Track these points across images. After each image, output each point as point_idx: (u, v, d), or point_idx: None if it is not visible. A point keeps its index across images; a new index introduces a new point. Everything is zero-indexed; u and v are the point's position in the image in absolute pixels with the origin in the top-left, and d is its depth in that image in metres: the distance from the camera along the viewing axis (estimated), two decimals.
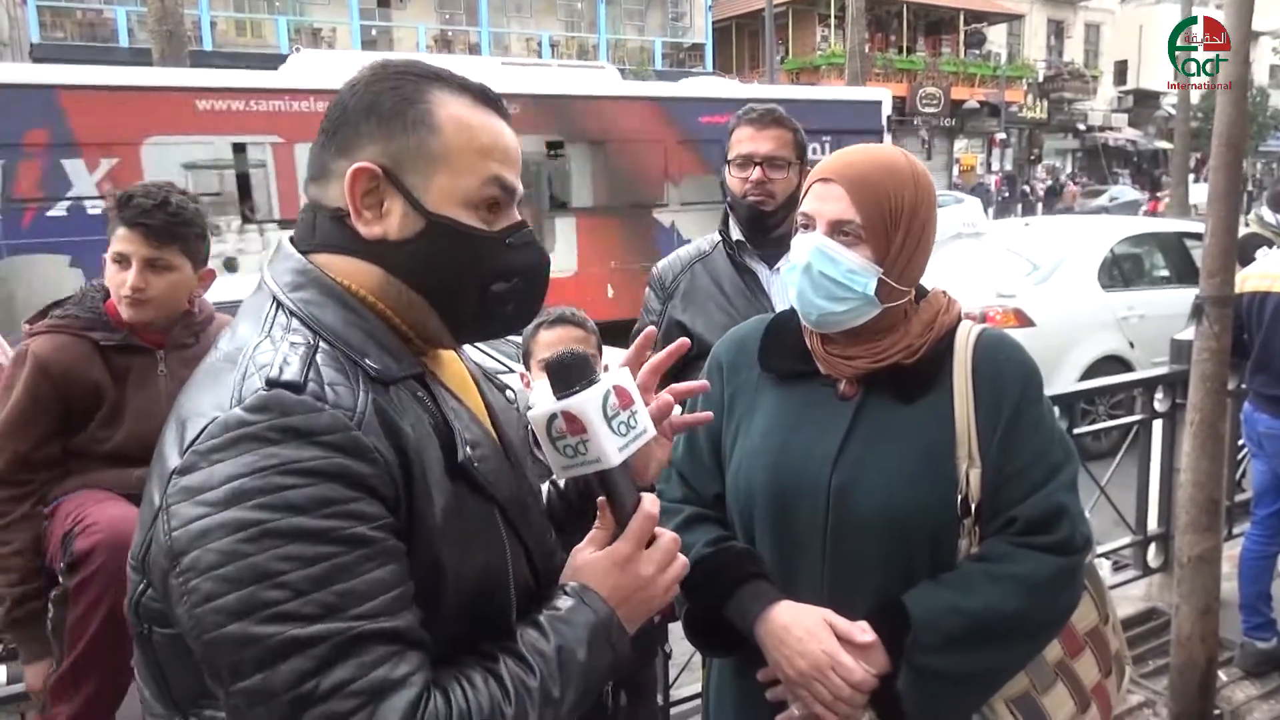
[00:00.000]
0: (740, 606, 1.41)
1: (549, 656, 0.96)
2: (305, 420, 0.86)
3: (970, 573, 1.36)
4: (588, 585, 1.04)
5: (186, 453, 0.86)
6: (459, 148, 1.00)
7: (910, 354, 1.41)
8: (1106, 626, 1.51)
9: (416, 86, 1.00)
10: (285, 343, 0.93)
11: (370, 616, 0.85)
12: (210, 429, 0.86)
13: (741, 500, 1.47)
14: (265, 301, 1.00)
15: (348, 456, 0.87)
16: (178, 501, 0.85)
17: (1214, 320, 2.85)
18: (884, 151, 1.45)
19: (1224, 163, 2.75)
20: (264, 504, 0.83)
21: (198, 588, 0.83)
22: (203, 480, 0.84)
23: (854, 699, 1.33)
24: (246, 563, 0.82)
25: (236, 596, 0.82)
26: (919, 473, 1.36)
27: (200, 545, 0.83)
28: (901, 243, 1.38)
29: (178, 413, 0.93)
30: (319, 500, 0.85)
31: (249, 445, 0.85)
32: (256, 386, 0.87)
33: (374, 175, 0.98)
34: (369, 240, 0.99)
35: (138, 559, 0.92)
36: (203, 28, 22.73)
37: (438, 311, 1.03)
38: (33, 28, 21.75)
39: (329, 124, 1.01)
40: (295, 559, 0.83)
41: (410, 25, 26.01)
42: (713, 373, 1.57)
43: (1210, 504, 2.99)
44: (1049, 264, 7.18)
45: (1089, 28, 37.86)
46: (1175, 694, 3.14)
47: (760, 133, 2.31)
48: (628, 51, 28.88)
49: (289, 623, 0.82)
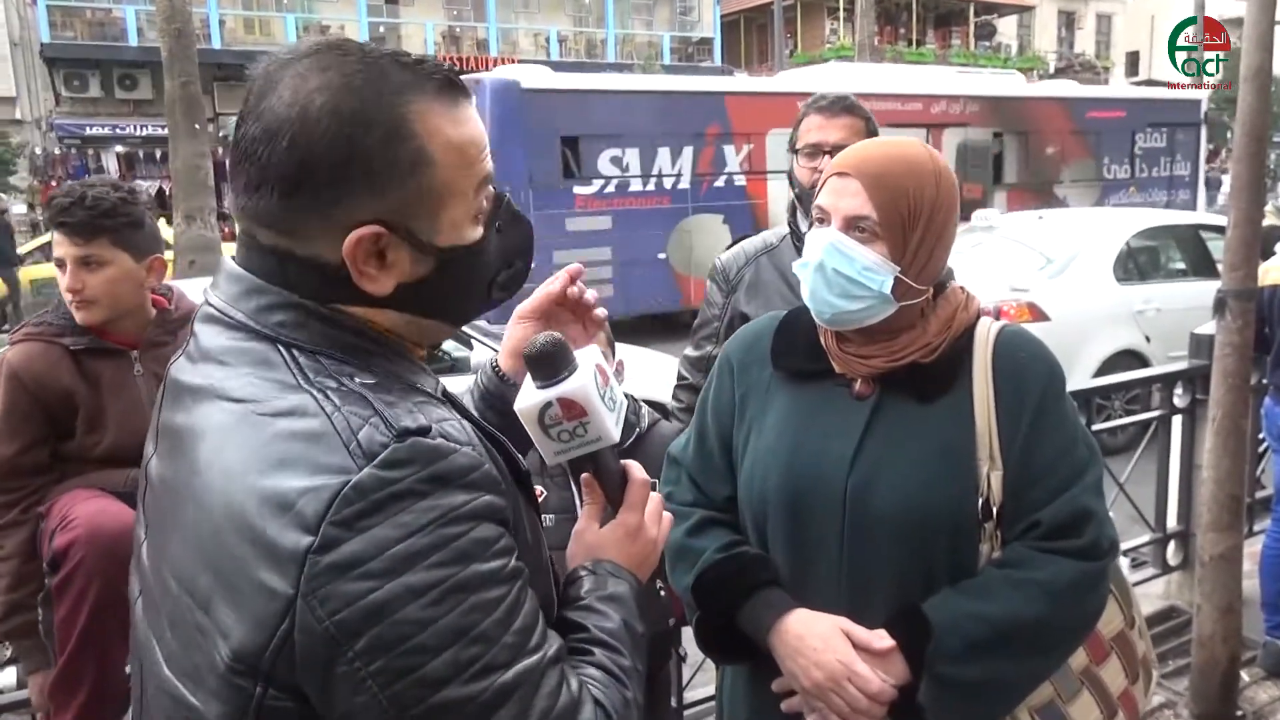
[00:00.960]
0: (753, 615, 1.38)
1: (620, 635, 0.97)
2: (448, 465, 0.81)
3: (992, 579, 1.32)
4: (613, 561, 1.04)
5: (323, 527, 0.76)
6: (456, 171, 0.90)
7: (928, 352, 1.36)
8: (1133, 631, 1.47)
9: (393, 110, 0.85)
10: (356, 384, 0.84)
11: (540, 647, 0.84)
12: (346, 495, 0.76)
13: (754, 503, 1.43)
14: (260, 344, 0.87)
15: (489, 492, 0.84)
16: (329, 582, 0.75)
17: (1236, 314, 2.80)
18: (905, 146, 1.40)
19: (1247, 154, 2.70)
20: (439, 560, 0.78)
21: (387, 666, 0.76)
22: (358, 551, 0.76)
23: (872, 710, 1.29)
24: (439, 626, 0.77)
25: (438, 663, 0.77)
26: (938, 474, 1.33)
27: (380, 621, 0.76)
28: (920, 241, 1.34)
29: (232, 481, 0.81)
30: (482, 543, 0.81)
31: (402, 503, 0.78)
32: (382, 440, 0.79)
33: (379, 235, 0.86)
34: (376, 295, 0.88)
35: (251, 661, 0.79)
36: (211, 26, 22.78)
37: (447, 322, 0.99)
38: (43, 28, 21.85)
39: (287, 173, 0.83)
40: (481, 608, 0.80)
41: (418, 22, 26.02)
42: (723, 372, 1.53)
43: (1232, 501, 2.95)
44: (1063, 257, 7.11)
45: (1100, 18, 37.64)
46: (1197, 695, 3.10)
47: (830, 121, 2.24)
48: (635, 46, 28.83)
49: (492, 674, 0.80)
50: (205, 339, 0.91)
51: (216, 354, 0.89)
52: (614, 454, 1.08)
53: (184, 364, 0.93)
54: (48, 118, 23.14)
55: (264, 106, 0.85)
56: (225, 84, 23.39)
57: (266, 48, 24.36)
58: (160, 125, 16.05)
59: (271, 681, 0.79)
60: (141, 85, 22.80)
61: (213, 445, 0.84)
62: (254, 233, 0.89)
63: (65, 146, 23.12)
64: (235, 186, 0.88)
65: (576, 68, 27.46)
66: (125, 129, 23.14)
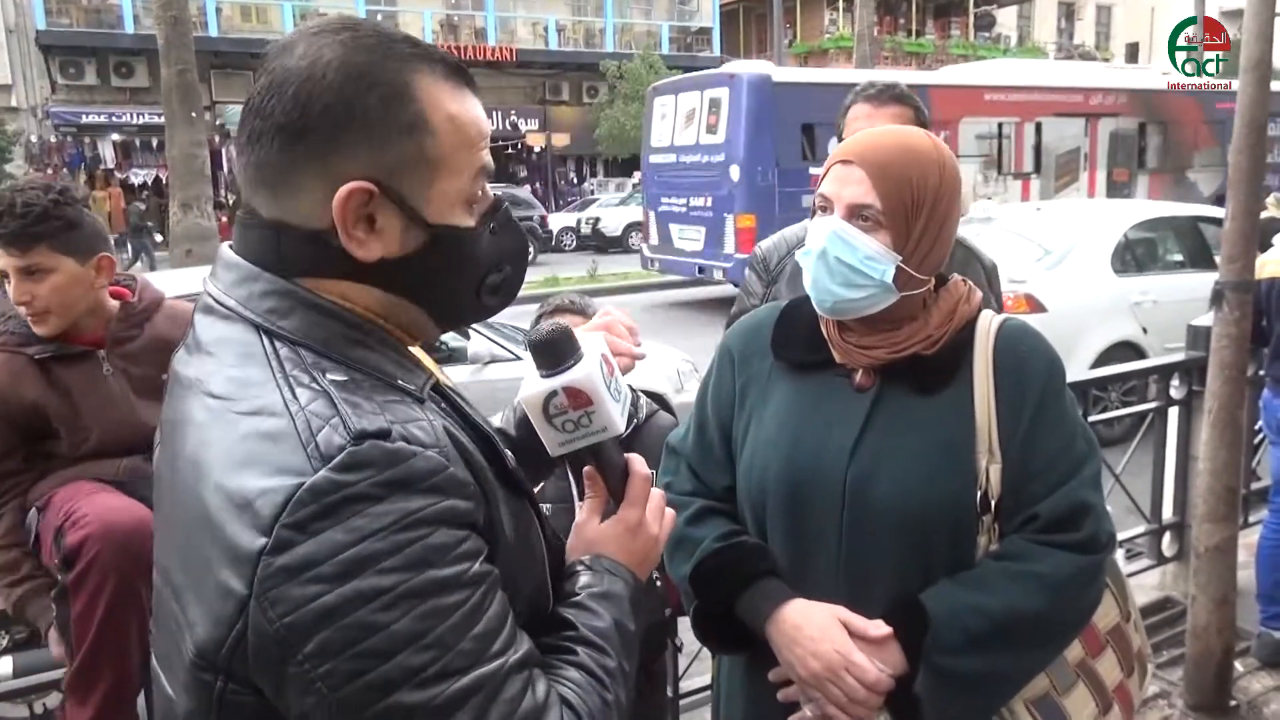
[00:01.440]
0: (751, 605, 1.38)
1: (610, 635, 0.96)
2: (407, 469, 0.80)
3: (991, 571, 1.32)
4: (612, 557, 1.03)
5: (276, 528, 0.76)
6: (454, 146, 0.90)
7: (930, 345, 1.36)
8: (1128, 624, 1.48)
9: (399, 75, 0.87)
10: (327, 381, 0.83)
11: (503, 653, 0.83)
12: (300, 497, 0.76)
13: (754, 493, 1.43)
14: (247, 333, 0.88)
15: (450, 497, 0.82)
16: (279, 584, 0.75)
17: (1234, 306, 2.80)
18: (909, 134, 1.40)
19: (1246, 145, 2.70)
20: (392, 565, 0.77)
21: (335, 670, 0.76)
22: (308, 554, 0.75)
23: (869, 700, 1.29)
24: (390, 631, 0.76)
25: (389, 667, 0.76)
26: (938, 466, 1.33)
27: (329, 625, 0.75)
28: (922, 230, 1.33)
29: (202, 479, 0.81)
30: (439, 549, 0.80)
31: (355, 507, 0.77)
32: (339, 442, 0.78)
33: (369, 192, 0.86)
34: (364, 263, 0.88)
35: (210, 658, 0.80)
36: (208, 13, 22.70)
37: (433, 317, 0.97)
38: (38, 14, 21.75)
39: (289, 121, 0.84)
40: (434, 615, 0.78)
41: (415, 10, 25.92)
42: (724, 362, 1.53)
43: (1228, 493, 2.96)
44: (1061, 249, 7.11)
45: (1100, 9, 37.54)
46: (1191, 685, 3.12)
47: (879, 110, 2.20)
48: (634, 36, 28.74)
49: (444, 680, 0.78)
50: (201, 330, 0.91)
51: (208, 345, 0.89)
52: (617, 447, 1.06)
53: (183, 355, 0.93)
54: (43, 105, 23.06)
55: (276, 64, 0.87)
56: (222, 72, 23.34)
57: (264, 35, 24.42)
58: (157, 113, 15.97)
59: (231, 676, 0.80)
60: (138, 73, 22.74)
61: (192, 441, 0.85)
62: (254, 203, 0.90)
63: (61, 134, 23.06)
64: (239, 145, 0.89)
65: (574, 57, 27.47)
66: (121, 117, 23.08)
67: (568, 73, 27.86)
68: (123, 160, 23.60)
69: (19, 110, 22.65)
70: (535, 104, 27.73)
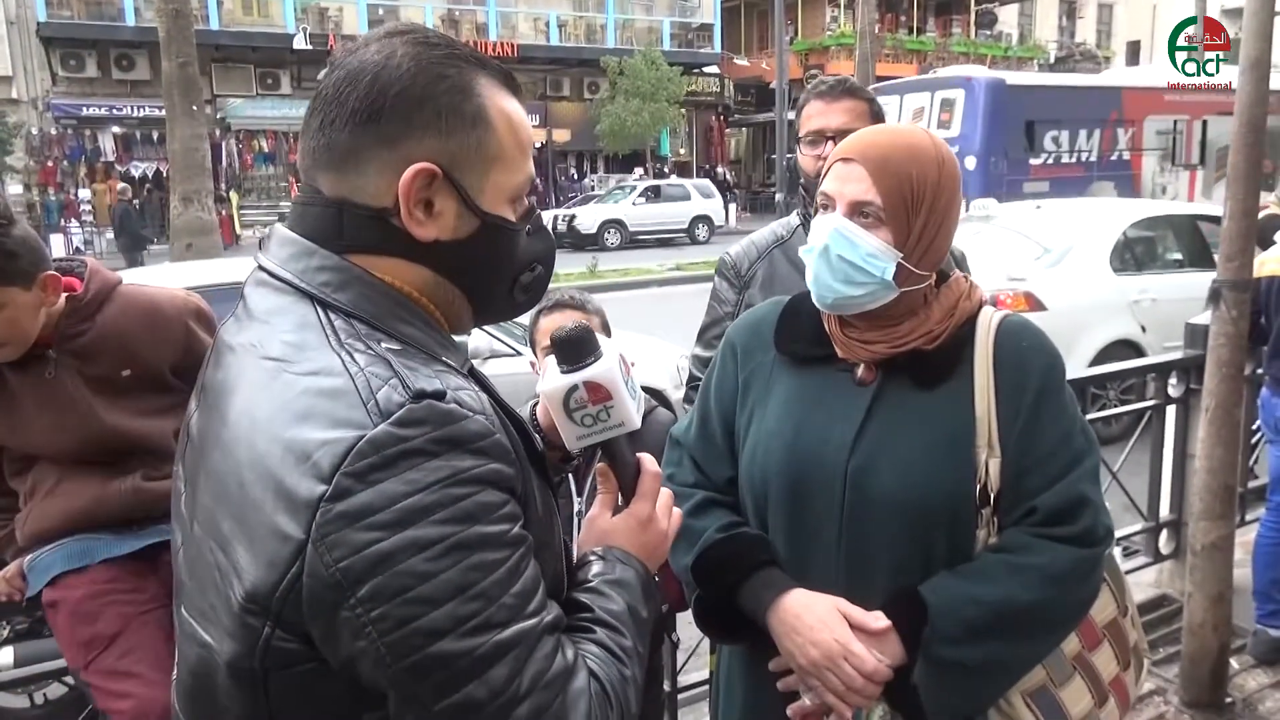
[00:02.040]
0: (752, 594, 1.39)
1: (624, 617, 1.00)
2: (460, 429, 0.85)
3: (989, 563, 1.33)
4: (623, 548, 1.07)
5: (336, 477, 0.80)
6: (510, 145, 0.97)
7: (930, 340, 1.38)
8: (1125, 619, 1.49)
9: (463, 74, 0.94)
10: (383, 348, 0.88)
11: (538, 612, 0.87)
12: (360, 449, 0.80)
13: (755, 485, 1.45)
14: (302, 303, 0.92)
15: (497, 460, 0.87)
16: (338, 529, 0.79)
17: (1231, 305, 2.81)
18: (908, 132, 1.41)
19: (1244, 144, 2.71)
20: (444, 518, 0.81)
21: (388, 614, 0.80)
22: (367, 502, 0.80)
23: (866, 689, 1.31)
24: (440, 580, 0.80)
25: (437, 615, 0.80)
26: (937, 459, 1.34)
27: (384, 570, 0.79)
28: (923, 226, 1.35)
29: (258, 431, 0.85)
30: (487, 506, 0.84)
31: (413, 460, 0.81)
32: (399, 400, 0.83)
33: (432, 175, 0.92)
34: (421, 242, 0.94)
35: (263, 601, 0.83)
36: (209, 7, 22.64)
37: (472, 305, 1.02)
38: (39, 6, 21.71)
39: (363, 106, 0.91)
40: (482, 567, 0.83)
41: (417, 5, 25.87)
42: (727, 356, 1.55)
43: (1225, 491, 2.97)
44: (1060, 247, 7.12)
45: (1101, 7, 37.52)
46: (1186, 682, 3.13)
47: (831, 105, 2.18)
48: (635, 32, 28.72)
49: (490, 630, 0.82)
50: (253, 300, 0.96)
51: (261, 315, 0.94)
52: (630, 444, 1.11)
53: (231, 325, 0.98)
54: (44, 98, 23.01)
55: (350, 59, 0.94)
56: (223, 65, 23.32)
57: (264, 29, 24.35)
58: (157, 106, 15.98)
59: (280, 622, 0.84)
60: (139, 65, 22.70)
61: (244, 398, 0.89)
62: (317, 181, 0.95)
63: (62, 127, 23.02)
64: (307, 132, 0.95)
65: (575, 53, 27.43)
66: (122, 109, 23.06)
67: (569, 68, 27.84)
68: (123, 153, 23.57)
69: (19, 102, 22.62)
70: (536, 100, 27.69)
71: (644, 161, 28.69)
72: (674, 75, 26.03)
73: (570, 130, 27.70)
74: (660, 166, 29.40)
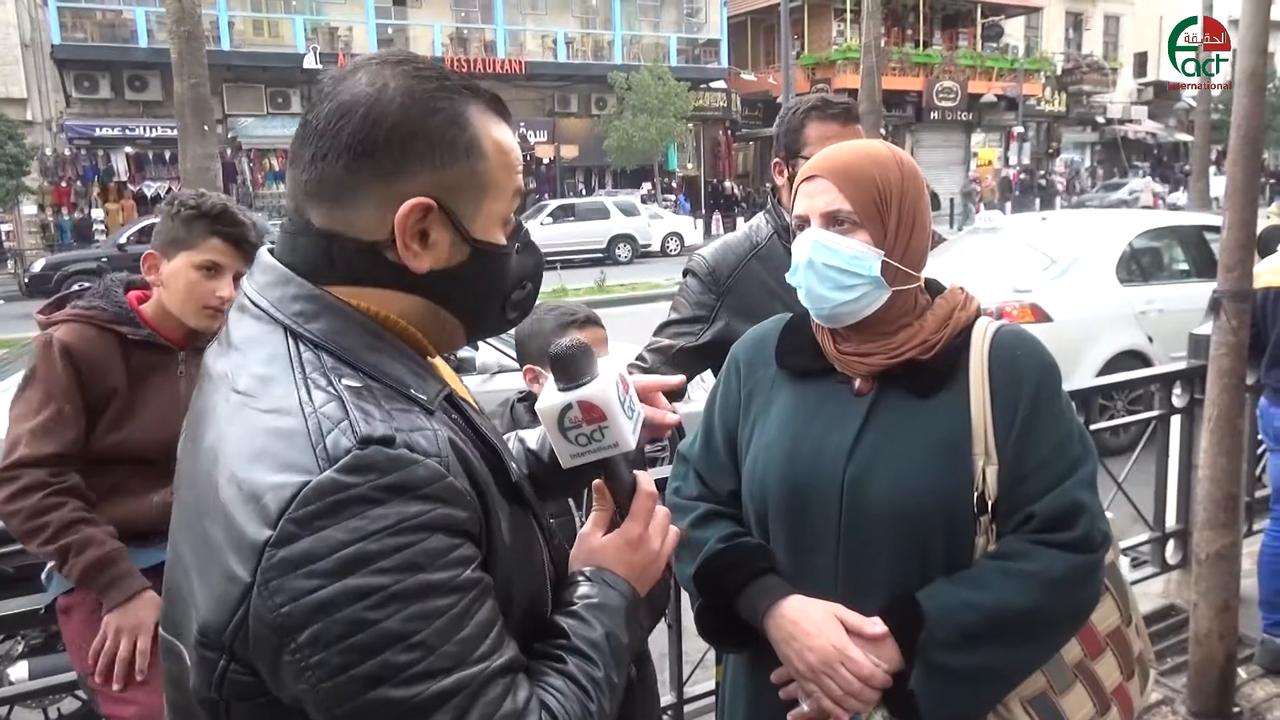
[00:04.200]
0: (751, 601, 1.42)
1: (601, 645, 1.00)
2: (406, 476, 0.84)
3: (986, 569, 1.35)
4: (611, 569, 1.07)
5: (280, 522, 0.81)
6: (500, 170, 0.98)
7: (925, 350, 1.40)
8: (1129, 628, 1.49)
9: (455, 105, 0.95)
10: (342, 386, 0.89)
11: (487, 657, 0.87)
12: (305, 495, 0.81)
13: (756, 495, 1.48)
14: (274, 333, 0.93)
15: (447, 505, 0.86)
16: (280, 575, 0.80)
17: (1232, 315, 2.83)
18: (864, 143, 1.49)
19: (1242, 156, 2.73)
20: (385, 567, 0.81)
21: (325, 661, 0.80)
22: (308, 550, 0.80)
23: (863, 693, 1.33)
24: (377, 630, 0.81)
25: (372, 664, 0.81)
26: (933, 467, 1.36)
27: (322, 619, 0.80)
28: (896, 224, 1.39)
29: (219, 468, 0.86)
30: (432, 554, 0.84)
31: (356, 509, 0.81)
32: (346, 445, 0.83)
33: (428, 208, 0.93)
34: (414, 273, 0.94)
35: (214, 637, 0.84)
36: (220, 28, 22.86)
37: (465, 326, 1.03)
38: (54, 29, 21.94)
39: (356, 140, 0.91)
40: (421, 617, 0.82)
41: (426, 24, 26.07)
42: (731, 371, 1.58)
43: (1228, 500, 2.97)
44: (1066, 259, 7.11)
45: (1108, 19, 37.52)
46: (1194, 692, 3.12)
47: (845, 129, 2.20)
48: (642, 48, 28.85)
49: (427, 680, 0.82)
50: (233, 327, 0.98)
51: (237, 343, 0.95)
52: (627, 463, 1.10)
53: (215, 349, 0.99)
54: (58, 119, 23.24)
55: (340, 89, 0.94)
56: (234, 85, 23.50)
57: (275, 49, 24.49)
58: (170, 126, 16.08)
59: (233, 657, 0.85)
60: (151, 86, 22.90)
61: (214, 432, 0.91)
62: (307, 213, 0.95)
63: (75, 147, 23.23)
64: (297, 163, 0.95)
65: (583, 69, 27.57)
66: (135, 130, 23.25)
67: (576, 85, 27.96)
68: (136, 173, 23.76)
69: (34, 124, 22.84)
70: (544, 116, 27.83)
71: (652, 176, 28.78)
72: (681, 90, 26.12)
73: (578, 146, 27.80)
74: (668, 181, 29.49)
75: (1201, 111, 17.19)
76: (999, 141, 34.06)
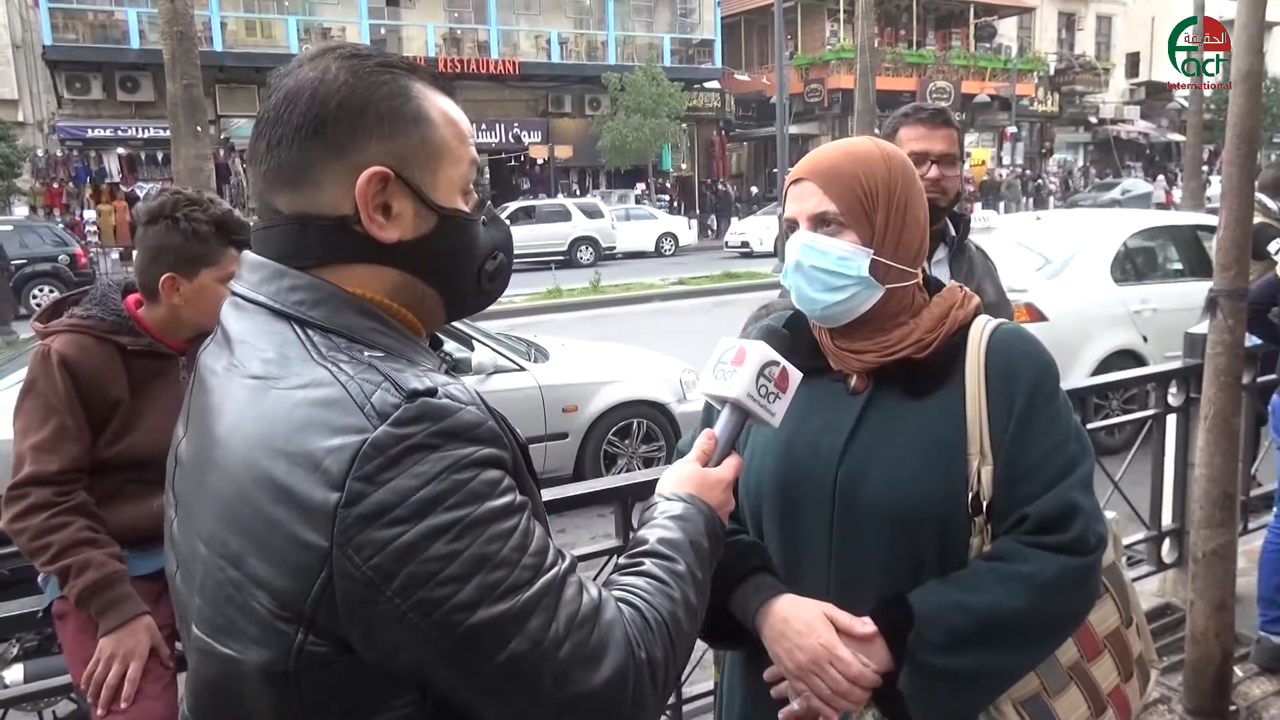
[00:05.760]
0: (743, 599, 1.41)
1: (681, 545, 1.09)
2: (455, 422, 0.90)
3: (978, 571, 1.34)
4: (694, 493, 1.17)
5: (347, 482, 0.84)
6: (451, 137, 1.01)
7: (921, 348, 1.39)
8: (1129, 630, 1.48)
9: (397, 79, 0.99)
10: (366, 356, 0.93)
11: (556, 562, 0.94)
12: (366, 452, 0.85)
13: (751, 494, 1.47)
14: (280, 322, 0.96)
15: (492, 445, 0.93)
16: (361, 531, 0.84)
17: (1228, 314, 2.83)
18: (850, 142, 1.47)
19: (1237, 156, 2.73)
20: (455, 503, 0.87)
21: (425, 599, 0.85)
22: (382, 501, 0.85)
23: (852, 693, 1.32)
24: (464, 558, 0.87)
25: (468, 590, 0.86)
26: (926, 466, 1.35)
27: (411, 560, 0.85)
28: (885, 222, 1.38)
29: (256, 448, 0.88)
30: (491, 483, 0.91)
31: (417, 455, 0.87)
32: (394, 400, 0.88)
33: (385, 178, 0.96)
34: (385, 244, 0.97)
35: (295, 608, 0.87)
36: (213, 29, 22.83)
37: (444, 300, 1.06)
38: (45, 30, 21.89)
39: (306, 121, 0.95)
40: (498, 538, 0.89)
41: (419, 24, 26.07)
42: None
43: (1225, 499, 2.97)
44: (1061, 258, 7.13)
45: (1100, 20, 37.66)
46: (1190, 690, 3.12)
47: (933, 132, 2.44)
48: (636, 48, 28.87)
49: (518, 592, 0.89)
50: (230, 325, 0.99)
51: (240, 337, 0.97)
52: (746, 437, 1.30)
53: (211, 351, 1.01)
54: (50, 120, 23.20)
55: (285, 81, 0.98)
56: (226, 86, 23.44)
57: (268, 50, 24.52)
58: (162, 127, 16.08)
59: (312, 627, 0.88)
60: (143, 87, 22.86)
61: (233, 417, 0.93)
62: (274, 203, 0.98)
63: (67, 148, 23.17)
64: (255, 159, 0.99)
65: (577, 70, 27.58)
66: (127, 131, 23.21)
67: (570, 85, 27.98)
68: (128, 174, 23.72)
69: (26, 125, 22.79)
70: (538, 116, 27.84)
71: (646, 177, 28.79)
72: (675, 91, 26.16)
73: (572, 146, 27.82)
74: (662, 181, 29.50)
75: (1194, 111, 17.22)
76: (992, 141, 34.14)
